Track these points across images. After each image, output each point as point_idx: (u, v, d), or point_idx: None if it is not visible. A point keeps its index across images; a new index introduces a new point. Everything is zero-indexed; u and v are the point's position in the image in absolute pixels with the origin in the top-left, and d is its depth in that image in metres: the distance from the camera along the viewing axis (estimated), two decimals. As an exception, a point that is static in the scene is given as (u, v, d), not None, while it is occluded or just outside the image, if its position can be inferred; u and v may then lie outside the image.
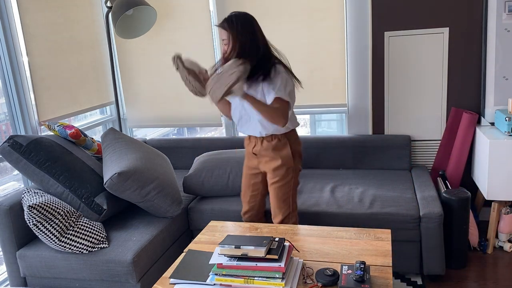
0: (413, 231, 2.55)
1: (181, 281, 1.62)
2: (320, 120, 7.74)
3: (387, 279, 1.57)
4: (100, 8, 3.66)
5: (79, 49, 3.41)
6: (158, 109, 3.83)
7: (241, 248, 1.54)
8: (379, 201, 2.72)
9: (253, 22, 2.28)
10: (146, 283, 2.38)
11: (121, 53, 3.79)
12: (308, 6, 3.32)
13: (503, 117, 2.81)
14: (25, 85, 2.90)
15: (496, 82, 3.02)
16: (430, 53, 3.16)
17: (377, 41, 3.23)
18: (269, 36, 3.44)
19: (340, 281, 1.51)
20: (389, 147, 3.26)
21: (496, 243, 2.96)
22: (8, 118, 2.91)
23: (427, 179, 2.99)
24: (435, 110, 3.25)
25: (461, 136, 3.10)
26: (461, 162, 3.11)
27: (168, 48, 3.67)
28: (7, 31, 2.78)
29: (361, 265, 1.55)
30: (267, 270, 1.52)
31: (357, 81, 3.33)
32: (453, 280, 2.64)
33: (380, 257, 1.72)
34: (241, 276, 1.54)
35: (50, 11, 3.13)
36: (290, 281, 1.54)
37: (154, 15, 3.43)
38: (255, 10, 3.42)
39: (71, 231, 2.34)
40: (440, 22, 3.11)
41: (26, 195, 2.42)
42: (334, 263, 1.71)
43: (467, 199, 2.67)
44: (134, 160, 2.58)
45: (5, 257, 2.51)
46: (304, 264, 1.70)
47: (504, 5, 2.89)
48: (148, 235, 2.47)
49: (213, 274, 1.60)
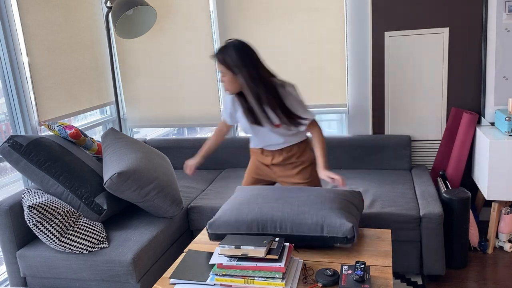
0: (413, 231, 2.55)
1: (181, 281, 1.62)
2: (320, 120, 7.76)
3: (387, 279, 1.57)
4: (100, 8, 3.66)
5: (79, 49, 3.41)
6: (158, 109, 3.83)
7: (241, 248, 1.54)
8: (379, 201, 2.72)
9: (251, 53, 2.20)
10: (146, 283, 2.38)
11: (121, 53, 3.79)
12: (308, 6, 3.32)
13: (503, 117, 2.81)
14: (25, 85, 2.90)
15: (496, 82, 3.01)
16: (430, 53, 3.16)
17: (377, 41, 3.23)
18: (269, 36, 3.45)
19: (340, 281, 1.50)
20: (389, 147, 3.26)
21: (496, 243, 2.96)
22: (8, 118, 2.91)
23: (427, 179, 2.99)
24: (435, 110, 3.25)
25: (461, 136, 3.09)
26: (461, 162, 3.11)
27: (168, 48, 3.67)
28: (7, 31, 2.78)
29: (361, 265, 1.55)
30: (267, 270, 1.52)
31: (357, 81, 3.33)
32: (453, 280, 2.64)
33: (380, 257, 1.72)
34: (241, 276, 1.54)
35: (50, 11, 3.13)
36: (290, 281, 1.54)
37: (154, 15, 3.43)
38: (255, 10, 3.42)
39: (71, 231, 2.34)
40: (440, 22, 3.11)
41: (26, 195, 2.42)
42: (334, 263, 1.71)
43: (467, 199, 2.67)
44: (134, 160, 2.58)
45: (5, 257, 2.50)
46: (304, 264, 1.70)
47: (504, 5, 2.89)
48: (148, 235, 2.47)
49: (213, 274, 1.60)
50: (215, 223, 1.87)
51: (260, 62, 2.22)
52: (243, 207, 1.88)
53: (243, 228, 1.82)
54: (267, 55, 3.48)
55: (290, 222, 1.78)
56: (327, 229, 1.74)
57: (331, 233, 1.75)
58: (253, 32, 3.46)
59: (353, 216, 1.82)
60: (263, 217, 1.81)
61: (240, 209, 1.87)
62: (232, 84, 2.21)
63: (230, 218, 1.85)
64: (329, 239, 1.76)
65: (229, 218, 1.85)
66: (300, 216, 1.78)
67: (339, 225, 1.73)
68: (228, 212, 1.88)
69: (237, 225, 1.83)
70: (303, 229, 1.77)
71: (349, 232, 1.72)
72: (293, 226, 1.78)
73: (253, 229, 1.81)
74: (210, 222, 1.88)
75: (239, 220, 1.82)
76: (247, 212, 1.84)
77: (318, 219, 1.76)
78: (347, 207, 1.84)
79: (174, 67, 3.69)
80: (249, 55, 2.18)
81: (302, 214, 1.79)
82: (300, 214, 1.79)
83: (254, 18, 3.44)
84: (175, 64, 3.69)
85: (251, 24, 3.45)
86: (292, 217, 1.79)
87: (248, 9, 3.43)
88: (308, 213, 1.78)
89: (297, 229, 1.78)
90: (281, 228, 1.79)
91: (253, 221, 1.81)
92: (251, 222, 1.81)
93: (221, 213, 1.90)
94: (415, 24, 3.15)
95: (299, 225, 1.77)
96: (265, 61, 2.23)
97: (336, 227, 1.73)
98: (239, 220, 1.83)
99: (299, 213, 1.80)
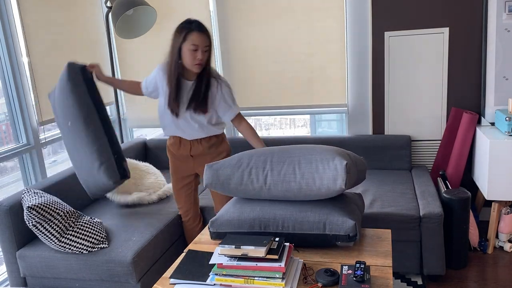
0: (413, 231, 2.55)
1: (181, 281, 1.62)
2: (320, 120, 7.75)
3: (387, 279, 1.57)
4: (100, 8, 3.66)
5: (79, 49, 3.41)
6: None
7: (241, 248, 1.54)
8: (379, 201, 2.72)
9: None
10: (146, 283, 2.38)
11: (121, 53, 3.79)
12: (308, 6, 3.32)
13: (503, 117, 2.81)
14: (25, 85, 2.89)
15: (496, 82, 3.01)
16: (430, 53, 3.16)
17: (377, 41, 3.23)
18: (269, 36, 3.45)
19: (340, 281, 1.50)
20: (389, 147, 3.26)
21: (496, 243, 2.96)
22: (8, 118, 2.91)
23: (427, 179, 2.99)
24: (435, 110, 3.25)
25: (461, 136, 3.09)
26: (461, 162, 3.11)
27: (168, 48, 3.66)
28: (7, 31, 2.78)
29: (361, 265, 1.54)
30: (267, 270, 1.52)
31: (357, 81, 3.33)
32: (453, 280, 2.64)
33: (380, 257, 1.72)
34: (241, 276, 1.54)
35: (50, 11, 3.13)
36: (290, 281, 1.54)
37: (154, 15, 3.43)
38: (255, 10, 3.42)
39: (70, 231, 2.34)
40: (440, 22, 3.11)
41: (26, 195, 2.42)
42: (334, 263, 1.70)
43: (467, 199, 2.67)
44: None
45: (5, 257, 2.50)
46: (304, 264, 1.70)
47: (504, 5, 2.89)
48: (148, 235, 2.47)
49: (213, 274, 1.60)
50: (217, 222, 1.87)
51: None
52: (246, 205, 1.88)
53: (245, 227, 1.82)
54: (267, 55, 3.48)
55: (292, 220, 1.78)
56: (329, 227, 1.74)
57: (334, 231, 1.75)
58: (253, 32, 3.46)
59: (355, 214, 1.82)
60: (265, 216, 1.81)
61: (242, 208, 1.87)
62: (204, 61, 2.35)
63: (232, 217, 1.85)
64: (331, 237, 1.76)
65: (231, 217, 1.85)
66: (302, 214, 1.78)
67: (341, 223, 1.73)
68: (230, 211, 1.88)
69: (239, 224, 1.83)
70: (305, 227, 1.77)
71: (352, 230, 1.72)
72: (295, 224, 1.78)
73: (255, 227, 1.81)
74: (212, 220, 1.87)
75: (241, 219, 1.83)
76: (250, 210, 1.84)
77: (321, 216, 1.76)
78: (349, 206, 1.84)
79: (174, 67, 3.69)
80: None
81: (305, 212, 1.79)
82: (303, 212, 1.79)
83: (254, 18, 3.44)
84: (175, 64, 3.68)
85: (251, 24, 3.45)
86: (295, 215, 1.79)
87: (248, 9, 3.43)
88: (310, 211, 1.79)
89: (300, 227, 1.77)
90: (284, 227, 1.79)
91: (255, 220, 1.81)
92: (253, 221, 1.81)
93: (223, 211, 1.89)
94: (415, 24, 3.15)
95: (302, 223, 1.77)
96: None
97: (338, 225, 1.73)
98: (241, 219, 1.83)
99: (301, 211, 1.80)
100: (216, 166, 1.85)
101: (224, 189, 1.85)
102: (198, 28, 2.26)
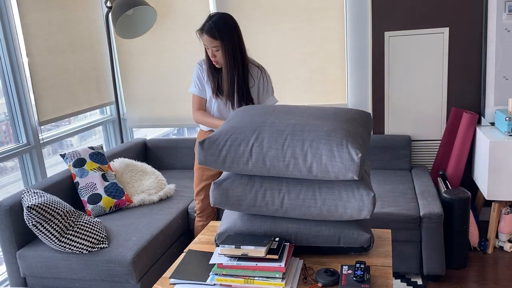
0: (413, 231, 2.55)
1: (181, 281, 1.62)
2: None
3: (387, 279, 1.57)
4: (100, 8, 3.66)
5: (79, 49, 3.41)
6: (158, 109, 3.83)
7: (241, 248, 1.54)
8: (379, 201, 2.72)
9: (237, 27, 2.38)
10: (146, 283, 2.38)
11: (121, 53, 3.79)
12: (308, 6, 3.32)
13: (503, 117, 2.81)
14: (25, 85, 2.89)
15: (496, 82, 3.01)
16: (430, 53, 3.16)
17: (377, 41, 3.23)
18: (269, 36, 3.45)
19: (340, 281, 1.50)
20: (389, 147, 3.26)
21: (496, 243, 2.96)
22: (8, 118, 2.91)
23: (427, 179, 2.99)
24: (435, 110, 3.25)
25: (461, 136, 3.09)
26: (461, 162, 3.11)
27: (168, 48, 3.67)
28: (7, 31, 2.78)
29: (361, 265, 1.54)
30: (267, 270, 1.52)
31: (357, 81, 3.33)
32: (453, 280, 2.64)
33: (380, 257, 1.72)
34: (241, 276, 1.54)
35: (50, 11, 3.13)
36: (290, 281, 1.54)
37: (154, 15, 3.43)
38: (255, 10, 3.42)
39: (70, 231, 2.34)
40: (440, 22, 3.11)
41: (26, 195, 2.42)
42: (334, 263, 1.70)
43: (467, 199, 2.67)
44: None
45: (5, 257, 2.50)
46: (304, 264, 1.70)
47: (504, 5, 2.89)
48: (148, 235, 2.47)
49: (213, 274, 1.60)
50: (224, 235, 1.74)
51: (242, 38, 2.41)
52: (255, 217, 1.75)
53: None
54: (267, 55, 3.48)
55: (306, 234, 1.69)
56: (344, 240, 1.67)
57: (348, 244, 1.68)
58: (253, 32, 3.46)
59: (367, 225, 1.77)
60: (277, 230, 1.70)
61: (251, 221, 1.74)
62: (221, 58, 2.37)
63: (241, 230, 1.72)
64: (345, 249, 1.71)
65: (240, 230, 1.72)
66: (316, 228, 1.69)
67: (356, 236, 1.67)
68: (238, 223, 1.74)
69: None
70: (319, 240, 1.68)
71: (366, 242, 1.68)
72: (309, 238, 1.69)
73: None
74: (219, 233, 1.75)
75: (251, 232, 1.71)
76: (260, 223, 1.73)
77: (336, 230, 1.67)
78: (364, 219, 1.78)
79: (174, 67, 3.69)
80: (236, 30, 2.36)
81: (319, 226, 1.69)
82: (317, 226, 1.69)
83: (254, 18, 3.44)
84: (175, 64, 3.69)
85: (251, 24, 3.45)
86: (309, 229, 1.69)
87: (248, 9, 3.43)
88: (325, 225, 1.69)
89: (314, 240, 1.68)
90: (296, 240, 1.70)
91: (266, 234, 1.70)
92: (264, 234, 1.70)
93: (230, 224, 1.75)
94: (415, 24, 3.15)
95: (316, 237, 1.66)
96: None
97: (353, 238, 1.67)
98: (251, 232, 1.71)
99: (316, 225, 1.69)
100: (225, 185, 1.68)
101: (234, 209, 1.70)
102: (201, 30, 2.34)
